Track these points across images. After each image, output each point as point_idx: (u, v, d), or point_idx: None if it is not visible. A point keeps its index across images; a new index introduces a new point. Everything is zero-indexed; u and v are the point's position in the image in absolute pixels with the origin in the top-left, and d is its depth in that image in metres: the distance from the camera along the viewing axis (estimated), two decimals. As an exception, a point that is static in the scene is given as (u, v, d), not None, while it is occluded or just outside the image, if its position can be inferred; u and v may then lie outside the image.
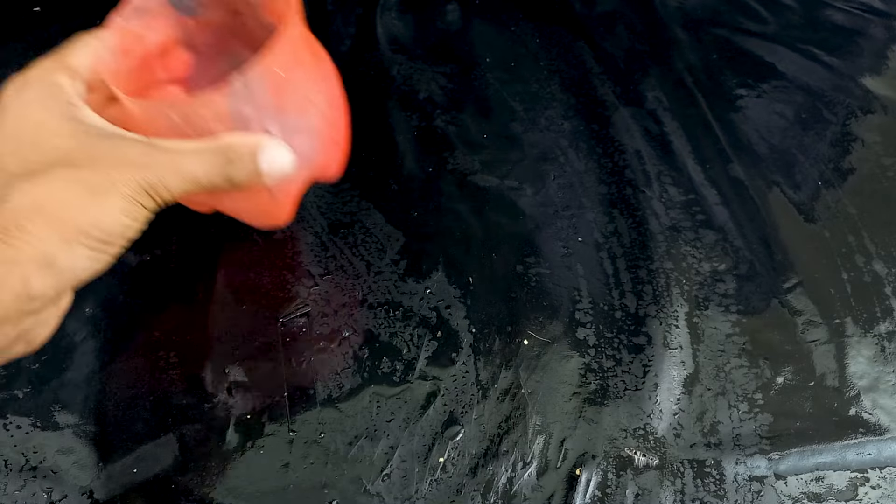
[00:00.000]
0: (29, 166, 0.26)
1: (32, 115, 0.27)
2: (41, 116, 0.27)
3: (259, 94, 0.29)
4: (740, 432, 0.37)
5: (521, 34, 0.62)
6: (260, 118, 0.29)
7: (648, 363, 0.40)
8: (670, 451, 0.37)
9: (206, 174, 0.27)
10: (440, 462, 0.36)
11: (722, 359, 0.40)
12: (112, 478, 0.36)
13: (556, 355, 0.40)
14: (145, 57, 0.33)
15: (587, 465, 0.36)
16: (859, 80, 0.58)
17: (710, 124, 0.54)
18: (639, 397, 0.39)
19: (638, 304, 0.43)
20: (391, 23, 0.63)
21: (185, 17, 0.33)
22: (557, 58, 0.60)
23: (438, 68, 0.58)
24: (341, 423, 0.37)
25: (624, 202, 0.48)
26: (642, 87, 0.57)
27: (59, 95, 0.28)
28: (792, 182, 0.50)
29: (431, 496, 0.35)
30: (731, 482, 0.36)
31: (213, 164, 0.28)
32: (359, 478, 0.35)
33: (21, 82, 0.29)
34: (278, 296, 0.42)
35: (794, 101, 0.57)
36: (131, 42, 0.32)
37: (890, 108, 0.56)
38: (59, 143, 0.26)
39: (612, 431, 0.37)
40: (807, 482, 0.36)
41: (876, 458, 0.37)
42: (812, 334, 0.42)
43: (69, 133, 0.27)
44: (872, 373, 0.40)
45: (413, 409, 0.38)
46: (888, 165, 0.52)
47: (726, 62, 0.60)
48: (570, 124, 0.54)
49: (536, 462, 0.36)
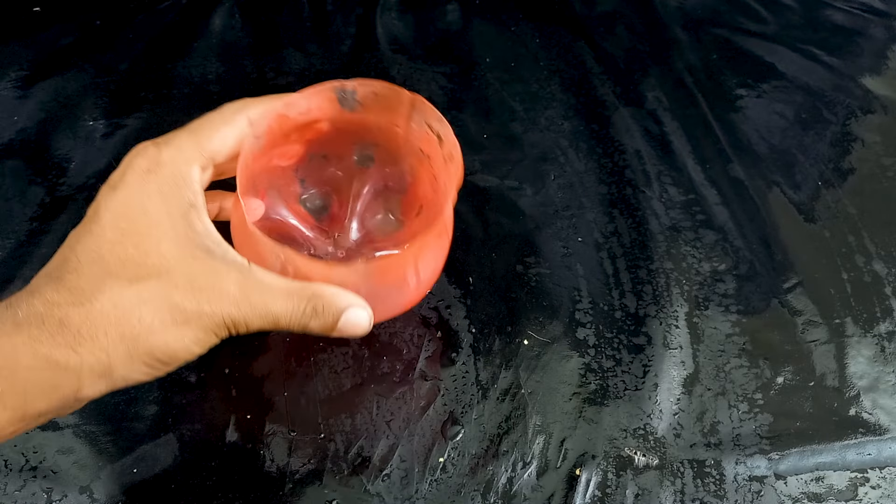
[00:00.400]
0: (128, 267, 0.25)
1: (151, 211, 0.26)
2: (159, 216, 0.26)
3: (373, 276, 0.30)
4: (740, 432, 0.37)
5: (521, 34, 0.62)
6: (361, 288, 0.30)
7: (648, 363, 0.40)
8: (670, 451, 0.37)
9: (287, 319, 0.27)
10: (440, 462, 0.36)
11: (722, 359, 0.40)
12: (112, 478, 0.35)
13: (556, 355, 0.40)
14: (276, 142, 0.34)
15: (587, 465, 0.36)
16: (859, 80, 0.58)
17: (710, 124, 0.54)
18: (639, 397, 0.39)
19: (638, 304, 0.43)
20: (391, 23, 0.63)
21: (342, 110, 0.34)
22: (557, 58, 0.60)
23: (438, 68, 0.58)
24: (341, 423, 0.37)
25: (624, 202, 0.48)
26: (642, 87, 0.57)
27: (183, 194, 0.27)
28: (792, 182, 0.50)
29: (431, 496, 0.35)
30: (731, 482, 0.36)
31: (297, 310, 0.27)
32: (359, 478, 0.35)
33: (152, 163, 0.27)
34: (278, 296, 0.42)
35: (794, 101, 0.57)
36: (278, 126, 0.32)
37: (890, 108, 0.56)
38: (165, 250, 0.26)
39: (612, 431, 0.37)
40: (807, 482, 0.36)
41: (876, 458, 0.37)
42: (812, 334, 0.42)
43: (178, 242, 0.26)
44: (872, 373, 0.40)
45: (413, 409, 0.38)
46: (888, 165, 0.52)
47: (726, 62, 0.60)
48: (570, 124, 0.54)
49: (536, 462, 0.36)
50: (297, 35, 0.61)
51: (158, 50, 0.59)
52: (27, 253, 0.44)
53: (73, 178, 0.48)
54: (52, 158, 0.50)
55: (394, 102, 0.34)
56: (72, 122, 0.52)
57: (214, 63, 0.58)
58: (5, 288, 0.42)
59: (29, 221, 0.46)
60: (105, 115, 0.53)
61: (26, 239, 0.45)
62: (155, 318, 0.25)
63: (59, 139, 0.51)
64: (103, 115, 0.53)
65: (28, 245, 0.45)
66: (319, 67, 0.58)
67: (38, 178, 0.48)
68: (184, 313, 0.25)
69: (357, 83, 0.33)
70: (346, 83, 0.33)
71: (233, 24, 0.62)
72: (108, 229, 0.26)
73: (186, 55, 0.58)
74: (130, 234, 0.25)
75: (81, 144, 0.51)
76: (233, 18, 0.63)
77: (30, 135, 0.51)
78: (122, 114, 0.53)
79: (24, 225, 0.46)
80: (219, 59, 0.58)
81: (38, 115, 0.53)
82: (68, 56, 0.58)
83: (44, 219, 0.46)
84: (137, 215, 0.26)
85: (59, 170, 0.49)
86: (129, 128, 0.52)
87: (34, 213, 0.46)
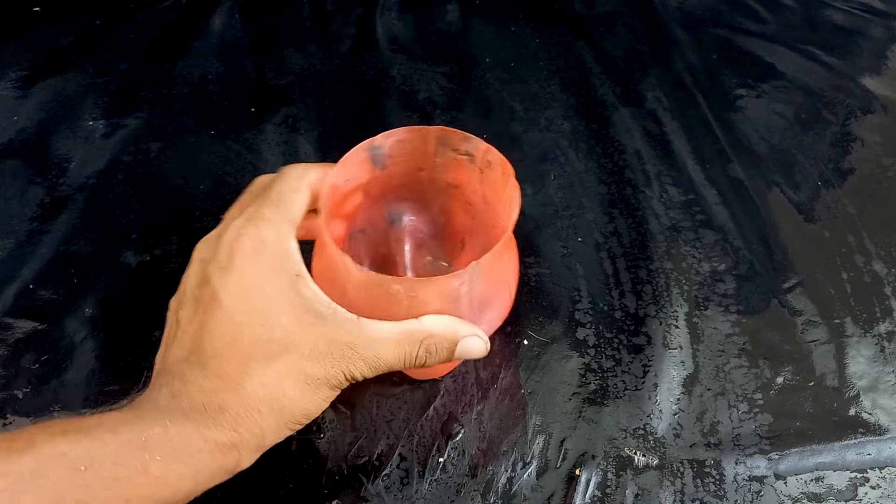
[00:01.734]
0: (260, 346, 0.27)
1: (267, 289, 0.28)
2: (274, 292, 0.28)
3: (477, 278, 0.30)
4: (740, 432, 0.37)
5: (521, 34, 0.62)
6: (470, 297, 0.31)
7: (648, 363, 0.40)
8: (670, 451, 0.37)
9: (399, 362, 0.29)
10: (440, 462, 0.36)
11: (722, 359, 0.40)
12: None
13: (556, 355, 0.40)
14: (332, 214, 0.35)
15: (587, 465, 0.36)
16: (859, 80, 0.58)
17: (710, 124, 0.54)
18: (639, 397, 0.39)
19: (638, 304, 0.43)
20: (391, 23, 0.63)
21: (373, 169, 0.35)
22: (557, 58, 0.60)
23: (438, 68, 0.58)
24: (341, 423, 0.37)
25: (624, 202, 0.48)
26: (642, 87, 0.57)
27: (288, 267, 0.29)
28: (792, 182, 0.50)
29: (431, 496, 0.35)
30: (731, 482, 0.36)
31: (411, 355, 0.30)
32: (359, 478, 0.35)
33: (257, 243, 0.29)
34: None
35: (794, 101, 0.57)
36: (332, 200, 0.34)
37: (890, 108, 0.56)
38: (286, 323, 0.28)
39: (611, 431, 0.37)
40: (807, 482, 0.36)
41: (876, 458, 0.37)
42: (812, 334, 0.42)
43: (295, 313, 0.28)
44: (872, 373, 0.40)
45: (413, 409, 0.38)
46: (888, 165, 0.52)
47: (726, 62, 0.60)
48: (570, 124, 0.54)
49: (536, 462, 0.36)
50: (297, 35, 0.61)
51: (158, 50, 0.59)
52: (27, 253, 0.44)
53: (72, 178, 0.48)
54: (52, 158, 0.50)
55: (418, 144, 0.35)
56: (72, 122, 0.52)
57: (214, 63, 0.58)
58: (5, 288, 0.42)
59: (29, 221, 0.46)
60: (105, 115, 0.53)
61: (26, 239, 0.45)
62: (295, 389, 0.28)
63: (59, 139, 0.51)
64: (103, 115, 0.53)
65: (28, 245, 0.45)
66: (319, 67, 0.58)
67: (38, 178, 0.48)
68: (315, 380, 0.28)
69: (382, 137, 0.34)
70: (374, 140, 0.34)
71: (233, 24, 0.62)
72: (234, 313, 0.28)
73: (186, 55, 0.58)
74: (255, 314, 0.28)
75: (81, 144, 0.51)
76: (233, 18, 0.63)
77: (30, 135, 0.51)
78: (122, 114, 0.53)
79: (24, 225, 0.46)
80: (219, 59, 0.58)
81: (38, 115, 0.53)
82: (68, 56, 0.58)
83: (44, 219, 0.46)
84: (256, 295, 0.28)
85: (58, 170, 0.49)
86: (128, 128, 0.52)
87: (34, 214, 0.46)
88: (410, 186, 0.37)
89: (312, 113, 0.54)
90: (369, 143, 0.33)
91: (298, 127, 0.53)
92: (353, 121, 0.54)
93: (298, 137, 0.52)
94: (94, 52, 0.58)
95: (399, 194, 0.38)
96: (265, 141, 0.51)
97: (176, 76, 0.56)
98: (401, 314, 0.30)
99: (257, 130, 0.52)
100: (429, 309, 0.30)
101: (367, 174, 0.35)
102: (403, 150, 0.35)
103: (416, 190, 0.38)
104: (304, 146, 0.51)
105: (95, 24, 0.61)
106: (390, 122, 0.54)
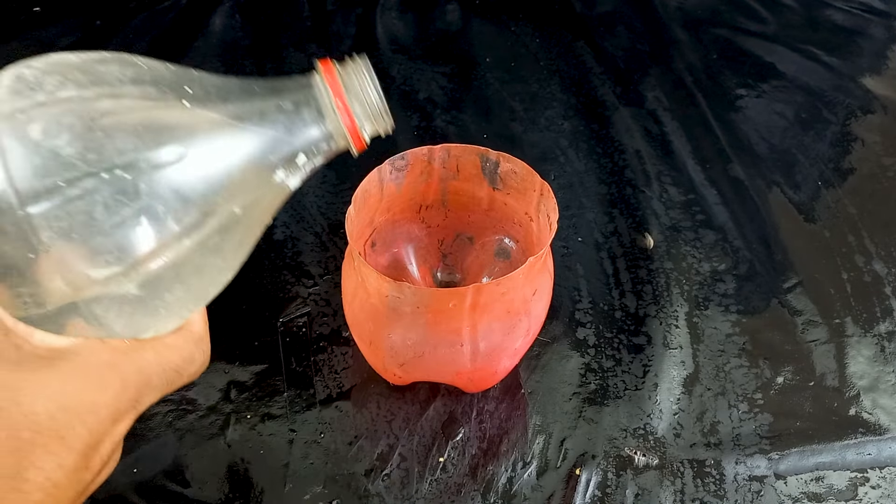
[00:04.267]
0: None
1: None
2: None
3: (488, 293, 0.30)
4: (740, 432, 0.37)
5: (521, 34, 0.62)
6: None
7: (648, 363, 0.40)
8: (670, 451, 0.37)
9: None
10: (440, 462, 0.36)
11: (722, 359, 0.40)
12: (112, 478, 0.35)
13: (556, 355, 0.40)
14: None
15: (587, 465, 0.36)
16: (859, 80, 0.58)
17: (710, 124, 0.54)
18: (639, 397, 0.39)
19: (638, 304, 0.43)
20: (391, 23, 0.63)
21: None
22: (557, 58, 0.60)
23: (438, 68, 0.58)
24: (341, 423, 0.37)
25: (624, 202, 0.48)
26: (642, 87, 0.57)
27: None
28: (792, 182, 0.50)
29: (431, 496, 0.35)
30: (731, 482, 0.36)
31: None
32: (359, 478, 0.35)
33: None
34: (278, 296, 0.42)
35: (794, 101, 0.57)
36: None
37: (890, 108, 0.56)
38: None
39: (612, 431, 0.37)
40: (807, 482, 0.36)
41: (876, 458, 0.37)
42: (812, 334, 0.42)
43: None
44: (872, 373, 0.40)
45: (413, 409, 0.38)
46: (888, 165, 0.52)
47: (726, 62, 0.60)
48: (570, 124, 0.54)
49: (536, 462, 0.36)
50: (297, 35, 0.61)
51: (158, 50, 0.59)
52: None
53: (73, 178, 0.48)
54: (52, 158, 0.49)
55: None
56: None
57: (214, 63, 0.58)
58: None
59: (29, 221, 0.46)
60: (105, 115, 0.53)
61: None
62: None
63: (59, 139, 0.51)
64: (103, 115, 0.53)
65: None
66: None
67: (38, 178, 0.48)
68: None
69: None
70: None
71: (233, 24, 0.62)
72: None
73: (186, 55, 0.58)
74: None
75: (81, 144, 0.50)
76: (233, 18, 0.63)
77: (30, 135, 0.51)
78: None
79: (24, 225, 0.45)
80: (219, 59, 0.58)
81: (38, 115, 0.52)
82: (68, 56, 0.58)
83: (44, 219, 0.46)
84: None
85: (59, 170, 0.49)
86: (129, 128, 0.52)
87: (34, 213, 0.46)
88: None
89: (312, 113, 0.54)
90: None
91: (298, 127, 0.53)
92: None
93: (298, 137, 0.52)
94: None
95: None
96: (265, 141, 0.51)
97: (176, 76, 0.56)
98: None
99: (257, 130, 0.52)
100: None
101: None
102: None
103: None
104: (304, 146, 0.51)
105: (95, 24, 0.61)
106: (390, 122, 0.54)
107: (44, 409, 0.22)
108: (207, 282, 0.25)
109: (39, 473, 0.21)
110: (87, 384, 0.23)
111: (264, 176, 0.24)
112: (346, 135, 0.25)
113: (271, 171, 0.24)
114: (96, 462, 0.23)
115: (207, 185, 0.23)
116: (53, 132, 0.21)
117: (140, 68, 0.23)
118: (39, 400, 0.22)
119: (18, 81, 0.21)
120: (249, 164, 0.23)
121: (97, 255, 0.21)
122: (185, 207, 0.22)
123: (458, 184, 0.37)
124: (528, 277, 0.31)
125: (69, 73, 0.22)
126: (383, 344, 0.33)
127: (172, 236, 0.22)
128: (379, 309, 0.31)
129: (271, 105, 0.24)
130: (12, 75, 0.22)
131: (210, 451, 0.36)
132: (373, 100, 0.24)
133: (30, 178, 0.20)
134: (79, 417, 0.22)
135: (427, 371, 0.35)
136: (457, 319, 0.31)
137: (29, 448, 0.21)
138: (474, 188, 0.37)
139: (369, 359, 0.37)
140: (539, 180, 0.34)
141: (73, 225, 0.21)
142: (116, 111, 0.21)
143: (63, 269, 0.21)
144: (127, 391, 0.24)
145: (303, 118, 0.24)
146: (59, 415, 0.22)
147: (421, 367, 0.34)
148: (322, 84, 0.24)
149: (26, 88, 0.21)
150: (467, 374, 0.34)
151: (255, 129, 0.23)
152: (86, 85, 0.22)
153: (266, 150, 0.23)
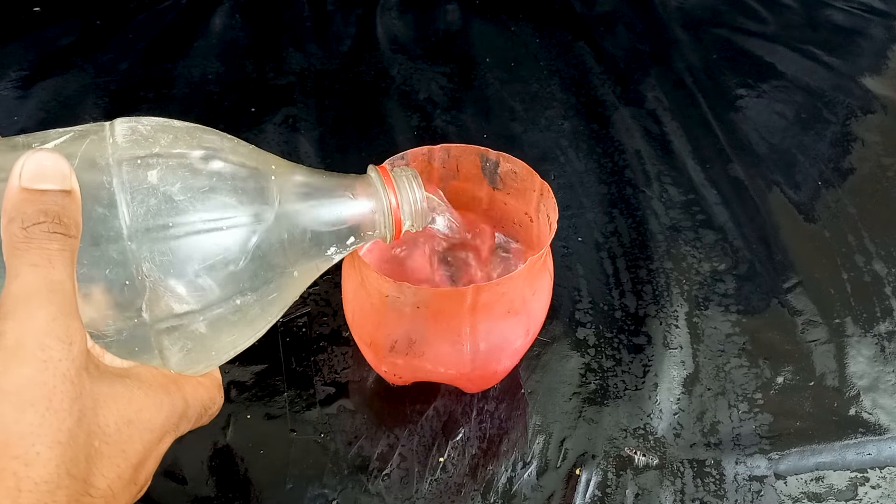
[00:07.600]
0: None
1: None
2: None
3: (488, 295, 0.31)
4: (740, 432, 0.37)
5: (521, 34, 0.62)
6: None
7: (648, 363, 0.40)
8: (670, 451, 0.37)
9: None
10: (440, 462, 0.36)
11: (722, 359, 0.40)
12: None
13: (556, 355, 0.40)
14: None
15: (587, 465, 0.36)
16: (859, 80, 0.58)
17: (710, 124, 0.54)
18: (639, 397, 0.39)
19: (638, 304, 0.43)
20: (391, 23, 0.63)
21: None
22: (557, 58, 0.60)
23: (438, 68, 0.58)
24: (341, 423, 0.37)
25: (624, 202, 0.48)
26: (642, 87, 0.57)
27: None
28: (792, 182, 0.50)
29: (431, 496, 0.35)
30: (731, 482, 0.36)
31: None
32: (359, 478, 0.35)
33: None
34: (278, 296, 0.42)
35: (794, 101, 0.57)
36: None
37: (890, 108, 0.56)
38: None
39: (612, 431, 0.37)
40: (807, 482, 0.36)
41: (876, 458, 0.37)
42: (812, 334, 0.42)
43: None
44: (872, 373, 0.40)
45: (413, 409, 0.38)
46: (888, 165, 0.52)
47: (726, 62, 0.60)
48: (570, 124, 0.54)
49: (536, 462, 0.36)
50: (297, 35, 0.61)
51: (158, 50, 0.59)
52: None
53: (73, 178, 0.48)
54: (52, 158, 0.49)
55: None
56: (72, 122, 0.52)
57: (214, 63, 0.58)
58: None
59: (29, 221, 0.46)
60: (105, 115, 0.53)
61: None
62: None
63: (59, 139, 0.51)
64: (103, 115, 0.53)
65: (28, 245, 0.44)
66: (319, 67, 0.58)
67: (38, 178, 0.48)
68: None
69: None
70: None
71: (233, 24, 0.62)
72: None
73: (186, 55, 0.58)
74: None
75: (81, 144, 0.50)
76: (233, 18, 0.63)
77: (30, 135, 0.51)
78: (122, 114, 0.53)
79: (24, 225, 0.45)
80: (219, 59, 0.58)
81: (38, 115, 0.52)
82: (68, 56, 0.58)
83: (44, 219, 0.46)
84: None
85: (59, 170, 0.49)
86: (129, 128, 0.52)
87: (34, 213, 0.46)
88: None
89: (312, 113, 0.54)
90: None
91: (298, 127, 0.53)
92: (353, 121, 0.54)
93: (299, 137, 0.52)
94: (94, 52, 0.58)
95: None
96: (265, 141, 0.51)
97: (176, 76, 0.56)
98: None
99: (258, 130, 0.52)
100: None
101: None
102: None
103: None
104: (304, 146, 0.51)
105: (95, 24, 0.61)
106: (390, 121, 0.54)
107: (114, 421, 0.23)
108: (253, 331, 0.28)
109: (103, 481, 0.23)
110: (147, 403, 0.25)
111: (323, 249, 0.27)
112: (391, 230, 0.29)
113: (328, 247, 0.27)
114: (142, 477, 0.25)
115: (284, 252, 0.26)
116: (169, 180, 0.24)
117: (234, 142, 0.26)
118: (112, 413, 0.23)
119: (134, 133, 0.25)
120: (316, 239, 0.27)
121: (186, 292, 0.24)
122: (263, 265, 0.25)
123: (458, 184, 0.37)
124: (528, 277, 0.31)
125: (179, 134, 0.25)
126: (383, 344, 0.33)
127: (246, 287, 0.25)
128: (379, 309, 0.31)
129: (344, 195, 0.28)
130: (127, 128, 0.25)
131: (210, 451, 0.36)
132: (419, 207, 0.29)
133: (143, 215, 0.23)
134: (139, 433, 0.24)
135: (427, 371, 0.35)
136: (457, 319, 0.31)
137: (97, 456, 0.22)
138: (474, 188, 0.37)
139: (369, 359, 0.37)
140: (539, 180, 0.34)
141: (173, 262, 0.24)
142: (222, 173, 0.25)
143: (152, 299, 0.24)
144: (173, 416, 0.26)
145: (362, 211, 0.28)
146: (124, 429, 0.23)
147: (421, 367, 0.34)
148: (381, 186, 0.28)
149: (143, 140, 0.24)
150: (467, 374, 0.34)
151: (328, 210, 0.27)
152: (194, 146, 0.25)
153: (331, 231, 0.27)
